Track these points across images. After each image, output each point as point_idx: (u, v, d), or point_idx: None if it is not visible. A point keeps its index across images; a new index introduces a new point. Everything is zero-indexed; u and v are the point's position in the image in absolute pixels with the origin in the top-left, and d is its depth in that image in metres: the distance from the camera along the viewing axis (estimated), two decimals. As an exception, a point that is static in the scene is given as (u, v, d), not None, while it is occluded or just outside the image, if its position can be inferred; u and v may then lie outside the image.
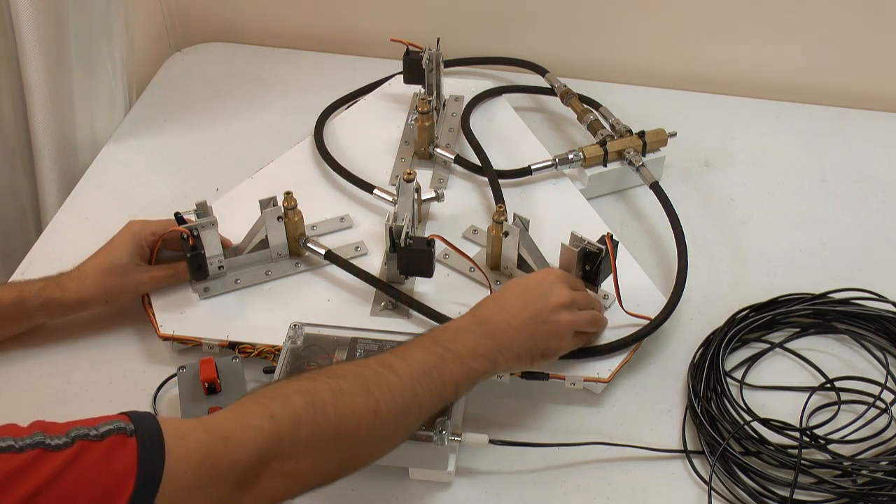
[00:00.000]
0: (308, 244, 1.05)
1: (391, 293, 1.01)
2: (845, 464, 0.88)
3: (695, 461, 0.91)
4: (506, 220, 1.01)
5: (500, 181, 1.14)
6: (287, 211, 1.03)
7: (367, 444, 0.76)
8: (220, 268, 1.03)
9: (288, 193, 1.02)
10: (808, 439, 0.90)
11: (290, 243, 1.06)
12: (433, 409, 0.81)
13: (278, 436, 0.69)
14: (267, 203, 1.01)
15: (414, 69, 1.20)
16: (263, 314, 1.01)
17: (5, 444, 0.58)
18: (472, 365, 0.82)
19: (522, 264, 1.03)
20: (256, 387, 0.93)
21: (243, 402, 0.72)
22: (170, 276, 1.02)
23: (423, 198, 1.08)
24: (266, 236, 1.04)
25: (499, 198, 1.11)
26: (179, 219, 0.98)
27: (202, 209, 0.99)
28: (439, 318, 0.98)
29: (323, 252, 1.04)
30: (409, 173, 1.03)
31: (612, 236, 0.94)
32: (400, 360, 0.79)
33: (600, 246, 0.94)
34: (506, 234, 1.01)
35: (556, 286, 0.90)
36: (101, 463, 0.60)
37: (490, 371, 0.84)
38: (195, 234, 0.98)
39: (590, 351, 0.95)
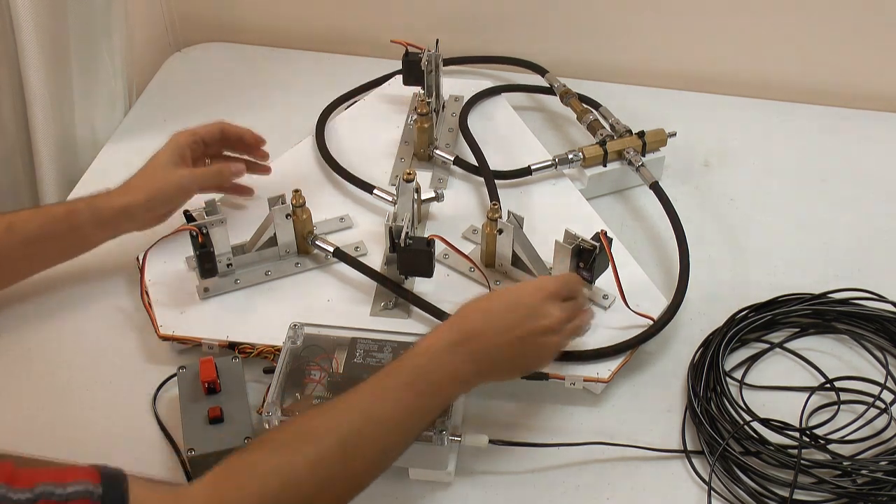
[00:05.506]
0: (316, 241, 1.05)
1: (401, 293, 1.01)
2: (845, 464, 0.88)
3: (695, 461, 0.91)
4: (500, 217, 1.01)
5: (500, 181, 1.14)
6: (295, 209, 1.03)
7: (341, 501, 0.76)
8: (228, 265, 1.03)
9: (296, 191, 1.02)
10: (807, 439, 0.90)
11: (298, 241, 1.06)
12: (409, 445, 0.81)
13: None
14: (275, 201, 1.01)
15: (413, 70, 1.19)
16: (263, 314, 1.01)
17: None
18: (450, 391, 0.82)
19: (517, 261, 1.03)
20: (253, 387, 0.94)
21: (219, 477, 0.71)
22: (214, 174, 1.06)
23: (422, 198, 1.08)
24: (274, 234, 1.04)
25: (493, 196, 1.11)
26: (189, 217, 0.98)
27: (211, 207, 0.98)
28: (445, 318, 0.98)
29: (331, 249, 1.04)
30: (409, 173, 1.03)
31: (605, 233, 0.94)
32: (380, 404, 0.78)
33: (594, 243, 0.94)
34: (500, 231, 1.01)
35: (548, 306, 0.85)
36: None
37: (464, 392, 0.84)
38: (204, 231, 0.98)
39: (591, 354, 0.95)
